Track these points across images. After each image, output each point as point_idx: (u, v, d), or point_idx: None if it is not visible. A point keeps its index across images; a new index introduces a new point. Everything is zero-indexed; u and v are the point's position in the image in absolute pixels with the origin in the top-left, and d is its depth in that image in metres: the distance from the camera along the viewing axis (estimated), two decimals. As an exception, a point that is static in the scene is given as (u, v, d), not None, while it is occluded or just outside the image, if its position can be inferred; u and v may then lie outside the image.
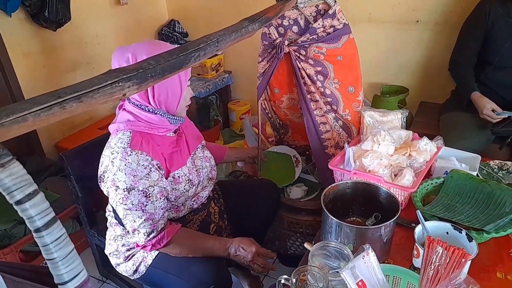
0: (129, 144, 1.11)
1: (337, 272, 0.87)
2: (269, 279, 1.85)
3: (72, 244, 0.42)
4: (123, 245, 1.30)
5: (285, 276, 0.89)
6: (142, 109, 1.16)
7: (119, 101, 1.08)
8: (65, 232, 0.41)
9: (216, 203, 1.45)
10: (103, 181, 1.15)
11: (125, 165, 1.09)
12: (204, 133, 1.58)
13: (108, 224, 1.38)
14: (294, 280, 0.86)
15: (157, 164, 1.15)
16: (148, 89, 1.13)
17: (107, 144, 1.17)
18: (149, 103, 1.16)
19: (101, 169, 1.15)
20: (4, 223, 1.75)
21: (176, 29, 2.95)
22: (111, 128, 1.20)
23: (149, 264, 1.26)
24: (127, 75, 0.61)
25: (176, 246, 1.20)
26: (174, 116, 1.21)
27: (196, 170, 1.30)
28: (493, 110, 1.71)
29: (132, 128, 1.15)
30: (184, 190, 1.24)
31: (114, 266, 1.35)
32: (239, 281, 1.73)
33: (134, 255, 1.29)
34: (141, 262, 1.27)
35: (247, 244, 1.26)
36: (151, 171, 1.12)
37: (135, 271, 1.28)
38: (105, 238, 1.39)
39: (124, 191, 1.09)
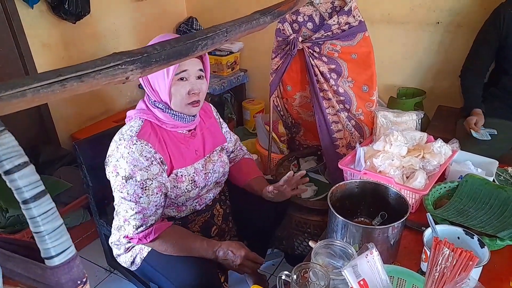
0: (137, 133, 1.13)
1: (340, 271, 0.84)
2: (275, 278, 1.83)
3: (61, 220, 0.41)
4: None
5: (286, 272, 0.87)
6: (150, 101, 1.19)
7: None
8: (54, 206, 0.40)
9: (222, 205, 1.43)
10: (107, 165, 1.18)
11: (128, 153, 1.11)
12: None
13: (114, 213, 1.39)
14: (294, 276, 0.84)
15: (160, 158, 1.15)
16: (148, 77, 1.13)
17: (120, 129, 1.19)
18: (152, 94, 1.18)
19: (108, 153, 1.18)
20: (16, 208, 1.78)
21: (194, 26, 2.96)
22: (128, 114, 1.23)
23: (144, 256, 1.25)
24: (130, 58, 0.60)
25: (163, 243, 1.18)
26: (177, 112, 1.18)
27: (205, 173, 1.28)
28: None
29: (144, 117, 1.17)
30: (186, 190, 1.23)
31: (115, 257, 1.36)
32: (244, 277, 1.72)
33: (133, 246, 1.29)
34: (137, 254, 1.27)
35: (236, 247, 1.20)
36: (152, 164, 1.13)
37: (132, 262, 1.28)
38: (113, 228, 1.40)
39: (122, 178, 1.11)
